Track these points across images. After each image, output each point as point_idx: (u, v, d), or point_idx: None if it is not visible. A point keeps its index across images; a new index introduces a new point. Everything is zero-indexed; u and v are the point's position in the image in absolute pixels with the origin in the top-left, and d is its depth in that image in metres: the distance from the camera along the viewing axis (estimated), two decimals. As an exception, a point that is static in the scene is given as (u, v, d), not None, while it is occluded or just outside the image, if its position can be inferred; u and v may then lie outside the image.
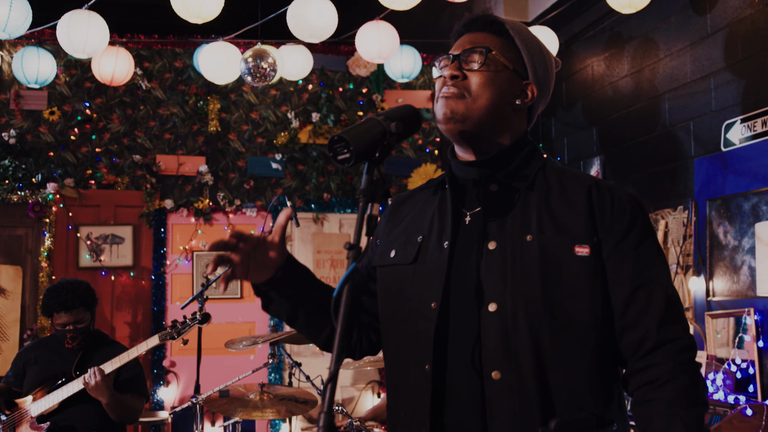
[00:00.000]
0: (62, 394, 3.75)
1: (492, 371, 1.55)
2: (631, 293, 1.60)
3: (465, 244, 1.66)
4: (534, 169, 1.71)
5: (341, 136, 1.47)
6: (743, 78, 4.18)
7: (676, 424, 1.52)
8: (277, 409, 3.90)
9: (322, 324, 1.78)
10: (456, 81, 1.68)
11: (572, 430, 1.54)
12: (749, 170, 4.06)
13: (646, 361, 1.58)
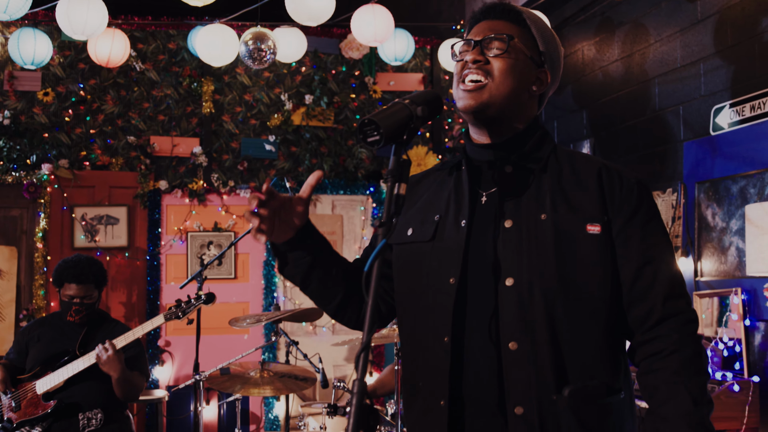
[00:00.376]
0: (68, 371, 3.80)
1: (509, 342, 1.64)
2: (639, 269, 1.70)
3: (481, 223, 1.74)
4: (546, 152, 1.80)
5: (371, 119, 1.55)
6: (732, 64, 4.28)
7: (681, 391, 1.62)
8: (277, 386, 3.99)
9: (335, 291, 1.87)
10: (479, 65, 1.75)
11: (585, 397, 1.64)
12: (737, 154, 4.17)
13: (652, 333, 1.68)
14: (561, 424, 1.62)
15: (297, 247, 1.79)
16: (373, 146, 1.57)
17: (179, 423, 5.78)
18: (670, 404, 1.62)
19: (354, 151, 6.28)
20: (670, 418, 1.61)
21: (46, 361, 3.87)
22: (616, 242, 1.71)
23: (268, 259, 6.02)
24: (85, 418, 3.81)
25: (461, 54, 1.82)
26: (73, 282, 3.91)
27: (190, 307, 3.86)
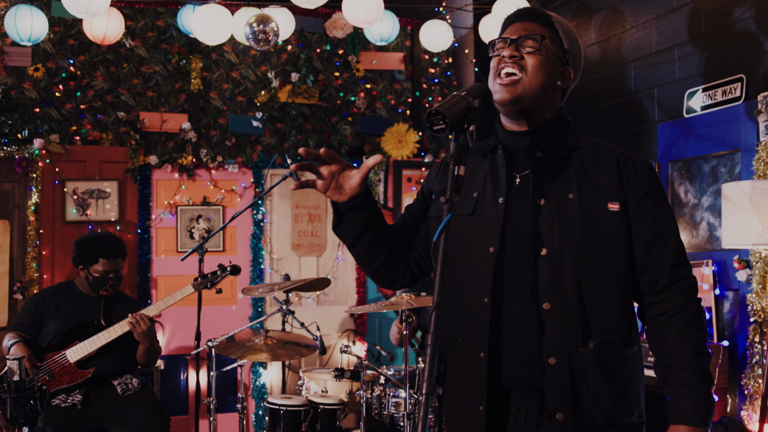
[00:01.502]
0: (101, 340, 4.00)
1: (544, 303, 1.93)
2: (650, 241, 1.99)
3: (516, 200, 2.01)
4: (571, 140, 2.07)
5: (438, 110, 1.79)
6: (705, 51, 4.58)
7: (686, 345, 1.93)
8: (279, 352, 4.22)
9: (379, 253, 2.12)
10: (515, 60, 2.00)
11: (606, 349, 1.93)
12: (709, 135, 4.49)
13: (661, 296, 1.98)
14: (587, 372, 1.91)
15: (355, 208, 2.02)
16: (438, 134, 1.81)
17: (170, 392, 5.97)
18: (676, 355, 1.92)
19: (338, 128, 6.48)
20: (676, 367, 1.91)
21: (70, 332, 4.05)
22: (632, 218, 1.99)
23: (255, 232, 6.21)
24: (121, 384, 4.02)
25: (498, 50, 2.06)
26: (106, 257, 4.12)
27: (218, 278, 4.08)
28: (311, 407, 3.87)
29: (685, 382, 1.90)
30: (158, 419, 4.08)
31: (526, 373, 1.93)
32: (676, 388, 1.91)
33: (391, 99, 6.78)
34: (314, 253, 6.43)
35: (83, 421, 3.93)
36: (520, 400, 1.96)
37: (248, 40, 4.57)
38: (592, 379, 1.91)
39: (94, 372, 3.98)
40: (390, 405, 3.67)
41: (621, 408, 1.94)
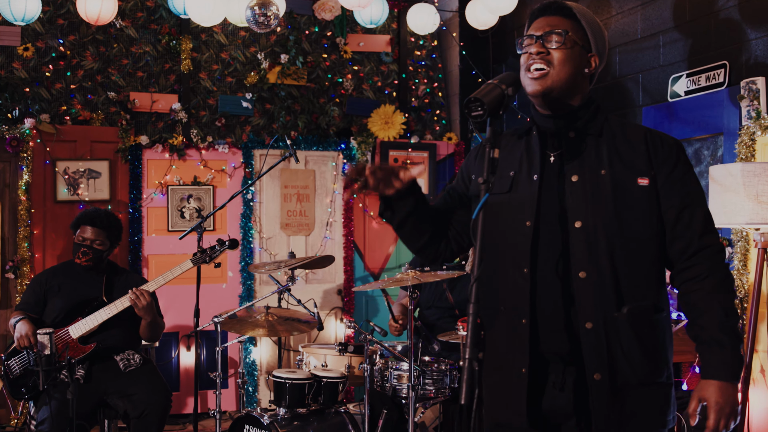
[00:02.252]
0: (102, 315, 4.08)
1: (579, 272, 2.08)
2: (679, 212, 2.14)
3: (550, 178, 2.16)
4: (600, 121, 2.21)
5: (477, 98, 1.92)
6: (690, 37, 4.76)
7: (715, 306, 2.09)
8: (280, 328, 4.33)
9: (423, 234, 2.28)
10: (542, 56, 2.13)
11: (638, 314, 2.09)
12: (693, 119, 4.67)
13: (690, 262, 2.13)
14: (621, 335, 2.07)
15: (402, 198, 2.15)
16: (476, 119, 1.94)
17: (162, 368, 6.05)
18: (706, 316, 2.08)
19: (326, 109, 6.57)
20: (707, 326, 2.08)
21: (73, 309, 4.12)
22: (661, 192, 2.14)
23: (245, 212, 6.29)
24: (123, 359, 4.10)
25: (525, 47, 2.19)
26: (88, 225, 4.19)
27: (216, 252, 4.16)
28: (315, 380, 4.00)
29: (716, 341, 2.06)
30: (159, 394, 4.15)
31: (564, 338, 2.08)
32: (706, 347, 2.07)
33: (378, 81, 6.88)
34: (303, 233, 6.53)
35: (86, 395, 4.00)
36: (557, 369, 2.11)
37: (249, 23, 4.65)
38: (625, 342, 2.07)
39: (95, 347, 4.06)
40: (392, 377, 3.81)
41: (651, 369, 2.11)
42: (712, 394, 2.05)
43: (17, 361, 4.20)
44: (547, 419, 2.14)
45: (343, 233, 6.58)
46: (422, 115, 7.04)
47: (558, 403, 2.12)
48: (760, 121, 4.18)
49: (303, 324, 4.39)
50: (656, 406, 2.13)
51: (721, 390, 2.05)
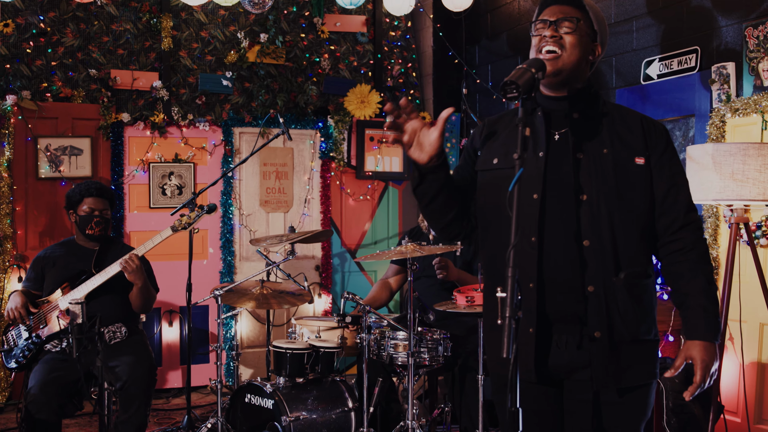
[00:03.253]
0: (88, 287, 4.16)
1: (584, 241, 2.29)
2: (667, 190, 2.37)
3: (555, 155, 2.35)
4: (600, 105, 2.42)
5: (513, 81, 2.10)
6: (662, 23, 5.00)
7: (699, 275, 2.33)
8: (274, 301, 4.48)
9: (450, 211, 2.44)
10: (555, 39, 2.32)
11: (632, 279, 2.32)
12: (665, 101, 4.93)
13: (676, 236, 2.36)
14: (617, 297, 2.29)
15: (435, 171, 2.32)
16: (511, 100, 2.12)
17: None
18: (691, 284, 2.32)
19: (304, 88, 6.68)
20: (692, 293, 2.31)
21: (66, 281, 4.21)
22: (653, 171, 2.36)
23: (225, 189, 6.39)
24: (109, 332, 4.19)
25: (538, 31, 2.38)
26: (93, 196, 4.28)
27: (195, 218, 4.27)
28: (313, 350, 4.17)
29: (700, 306, 2.29)
30: (141, 366, 4.12)
31: (569, 300, 2.28)
32: (692, 311, 2.31)
33: (354, 60, 7.01)
34: (281, 209, 6.66)
35: (72, 366, 4.07)
36: (561, 329, 2.31)
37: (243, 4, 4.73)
38: (621, 304, 2.29)
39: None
40: (389, 346, 3.99)
41: (642, 327, 2.33)
42: (698, 353, 2.28)
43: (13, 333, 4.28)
44: (551, 374, 2.35)
45: (321, 210, 6.73)
46: (396, 94, 7.20)
47: (561, 359, 2.32)
48: (730, 104, 4.45)
49: (296, 297, 4.55)
50: (646, 359, 2.37)
51: (705, 349, 2.28)
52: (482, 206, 2.47)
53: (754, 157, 3.73)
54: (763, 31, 4.32)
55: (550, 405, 2.38)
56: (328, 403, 4.15)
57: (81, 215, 4.32)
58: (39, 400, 3.84)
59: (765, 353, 4.29)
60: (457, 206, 2.44)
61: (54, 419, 3.93)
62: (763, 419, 4.24)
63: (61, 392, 3.96)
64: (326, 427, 4.07)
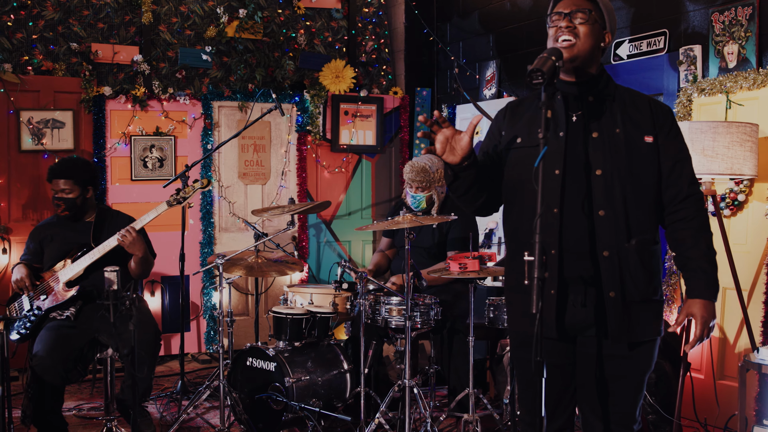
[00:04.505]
0: (87, 260, 4.30)
1: (599, 210, 2.55)
2: (673, 165, 2.64)
3: (574, 134, 2.61)
4: (612, 89, 2.68)
5: (539, 68, 2.33)
6: (633, 6, 5.29)
7: (701, 241, 2.62)
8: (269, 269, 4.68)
9: (480, 197, 2.70)
10: (570, 29, 2.57)
11: (642, 245, 2.59)
12: (635, 81, 5.23)
13: (681, 206, 2.64)
14: (630, 261, 2.56)
15: (466, 170, 2.55)
16: (536, 86, 2.36)
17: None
18: (694, 248, 2.61)
19: (281, 63, 6.83)
20: (694, 257, 2.60)
21: (65, 255, 4.34)
22: (660, 148, 2.63)
23: (205, 162, 6.51)
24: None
25: (555, 22, 2.62)
26: (55, 177, 4.39)
27: (189, 193, 4.43)
28: (311, 316, 4.39)
29: (701, 268, 2.59)
30: (147, 331, 4.32)
31: (586, 264, 2.56)
32: (693, 273, 2.60)
33: (329, 36, 7.17)
34: (259, 182, 6.83)
35: (78, 334, 4.22)
36: (576, 290, 2.58)
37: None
38: (633, 267, 2.56)
39: (80, 289, 4.28)
40: (384, 311, 4.24)
41: (650, 288, 2.62)
42: (698, 310, 2.58)
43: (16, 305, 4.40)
44: (567, 331, 2.62)
45: (297, 182, 6.91)
46: (370, 69, 7.39)
47: (578, 317, 2.60)
48: (696, 84, 4.77)
49: (292, 265, 4.75)
50: (653, 317, 2.66)
51: (705, 307, 2.58)
52: (507, 181, 2.72)
53: (723, 134, 4.06)
54: (729, 17, 4.63)
55: (567, 359, 2.66)
56: (325, 365, 4.38)
57: (52, 197, 4.44)
58: (45, 363, 3.99)
59: (727, 315, 4.66)
60: (487, 192, 2.69)
61: (59, 383, 4.08)
62: (725, 375, 4.61)
63: (66, 358, 4.11)
64: (324, 387, 4.31)
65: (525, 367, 2.73)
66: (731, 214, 4.63)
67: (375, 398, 4.35)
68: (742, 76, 4.55)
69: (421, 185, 4.69)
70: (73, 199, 4.46)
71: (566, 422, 2.74)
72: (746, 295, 4.49)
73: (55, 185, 4.42)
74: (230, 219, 6.69)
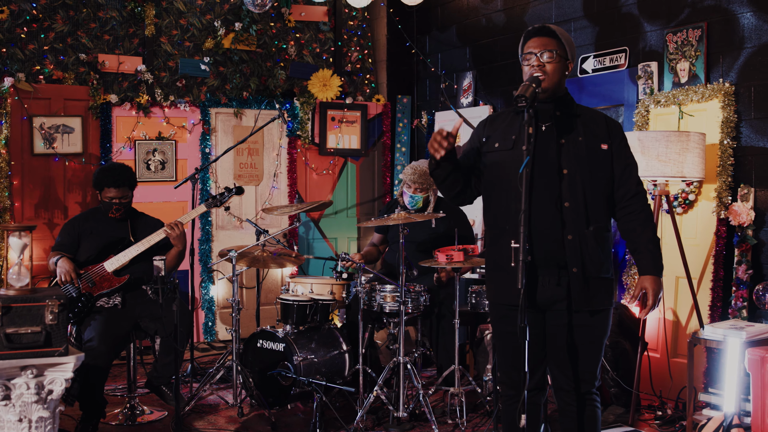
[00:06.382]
0: (133, 252, 4.78)
1: (565, 202, 3.12)
2: (623, 169, 3.24)
3: (542, 141, 3.18)
4: (574, 106, 3.26)
5: (523, 95, 2.90)
6: (597, 25, 5.90)
7: (648, 230, 3.21)
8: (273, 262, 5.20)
9: (458, 185, 3.27)
10: (540, 67, 3.15)
11: (598, 231, 3.17)
12: (599, 92, 5.84)
13: (630, 202, 3.23)
14: (588, 244, 3.13)
15: (447, 160, 3.12)
16: (521, 110, 2.92)
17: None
18: (642, 235, 3.21)
19: (273, 72, 7.35)
20: (643, 242, 3.20)
21: (105, 248, 4.81)
22: (614, 154, 3.22)
23: (203, 163, 7.01)
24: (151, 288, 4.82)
25: (527, 61, 3.20)
26: (112, 186, 4.85)
27: (225, 198, 4.94)
28: (314, 302, 4.93)
29: (648, 250, 3.19)
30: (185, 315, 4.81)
31: (553, 247, 3.12)
32: (643, 254, 3.20)
33: (317, 47, 7.71)
34: (253, 183, 7.33)
35: (124, 319, 4.73)
36: (545, 272, 3.15)
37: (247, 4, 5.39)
38: (591, 249, 3.14)
39: (130, 278, 4.78)
40: (379, 297, 4.79)
41: (604, 267, 3.20)
42: (649, 285, 3.18)
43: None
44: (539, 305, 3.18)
45: (288, 183, 7.42)
46: (354, 78, 7.94)
47: (548, 292, 3.16)
48: (653, 96, 5.39)
49: (294, 258, 5.28)
50: (607, 291, 3.24)
51: (654, 281, 3.19)
52: (486, 179, 3.28)
53: (675, 142, 4.67)
54: (681, 37, 5.26)
55: (538, 328, 3.23)
56: (327, 346, 4.92)
57: (104, 201, 4.89)
58: (100, 349, 4.46)
59: (680, 301, 5.28)
60: (463, 182, 3.26)
61: (107, 364, 4.57)
62: (678, 354, 5.23)
63: (116, 342, 4.60)
64: (326, 366, 4.85)
65: (505, 338, 3.29)
66: (683, 211, 5.25)
67: (371, 375, 4.89)
68: (692, 90, 5.17)
69: (421, 187, 5.23)
70: (128, 203, 4.94)
71: (539, 383, 3.32)
72: (696, 282, 5.11)
73: (114, 192, 4.83)
74: (226, 218, 7.19)
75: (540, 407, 3.36)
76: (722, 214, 4.98)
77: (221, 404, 5.15)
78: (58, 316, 3.02)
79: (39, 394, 2.96)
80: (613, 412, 4.94)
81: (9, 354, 2.93)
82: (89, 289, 4.74)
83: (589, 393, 3.26)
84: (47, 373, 2.99)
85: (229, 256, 4.83)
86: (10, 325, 2.95)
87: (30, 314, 2.98)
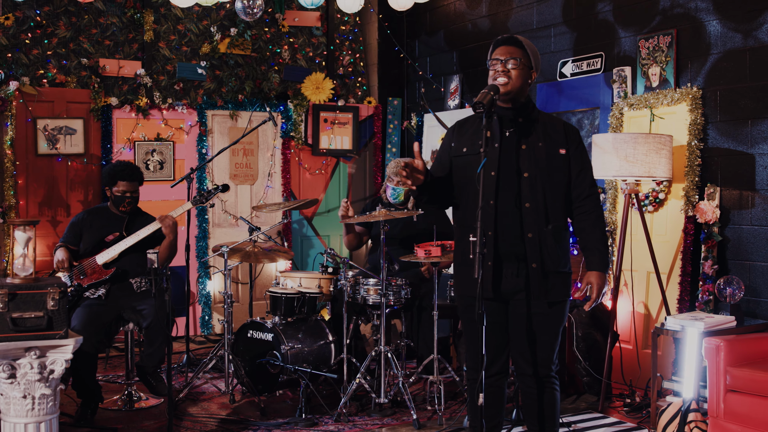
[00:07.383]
0: (121, 246, 5.06)
1: (525, 203, 3.39)
2: (579, 172, 3.50)
3: (506, 146, 3.44)
4: (536, 114, 3.53)
5: (480, 101, 3.17)
6: (575, 31, 6.17)
7: (597, 229, 3.48)
8: (264, 257, 5.48)
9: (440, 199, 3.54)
10: (504, 72, 3.41)
11: (557, 229, 3.43)
12: (576, 96, 6.11)
13: (583, 203, 3.50)
14: (547, 241, 3.40)
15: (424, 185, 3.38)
16: (480, 116, 3.20)
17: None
18: (592, 235, 3.48)
19: (268, 76, 7.63)
20: (592, 240, 3.48)
21: (100, 241, 5.10)
22: (570, 158, 3.48)
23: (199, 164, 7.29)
24: (137, 282, 5.10)
25: (493, 66, 3.45)
26: (126, 180, 5.14)
27: (211, 195, 5.21)
28: (301, 295, 5.21)
29: (597, 248, 3.46)
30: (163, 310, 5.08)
31: (515, 243, 3.39)
32: (591, 252, 3.47)
33: (310, 51, 7.99)
34: (248, 182, 7.62)
35: (107, 309, 4.98)
36: (508, 266, 3.42)
37: (239, 13, 5.67)
38: (549, 246, 3.41)
39: (115, 271, 5.05)
40: (362, 290, 5.07)
41: (562, 262, 3.47)
42: (594, 279, 3.46)
43: None
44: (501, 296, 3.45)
45: (282, 182, 7.71)
46: (346, 81, 8.22)
47: (508, 285, 3.43)
48: (627, 100, 5.66)
49: (283, 253, 5.56)
50: (564, 284, 3.51)
51: (600, 277, 3.46)
52: (457, 182, 3.55)
53: (642, 144, 4.94)
54: (653, 43, 5.53)
55: (501, 317, 3.50)
56: (314, 337, 5.20)
57: (116, 195, 5.17)
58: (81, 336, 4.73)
59: (650, 295, 5.55)
60: (444, 195, 3.54)
61: (93, 351, 4.84)
62: (648, 345, 5.50)
63: (98, 331, 4.87)
64: (312, 355, 5.12)
65: (470, 326, 3.57)
66: (654, 209, 5.52)
67: (355, 364, 5.17)
68: (663, 94, 5.44)
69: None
70: (137, 198, 5.23)
71: (502, 367, 3.60)
72: (666, 277, 5.38)
73: (126, 186, 5.13)
74: (222, 215, 7.48)
75: (503, 390, 3.64)
76: (690, 212, 5.25)
77: (214, 392, 5.43)
78: (59, 302, 3.30)
79: (41, 373, 3.24)
80: (586, 400, 5.22)
81: (14, 336, 3.22)
82: (80, 280, 5.02)
83: (547, 377, 3.53)
84: (49, 354, 3.28)
85: (221, 251, 5.11)
86: (15, 310, 3.24)
87: (34, 300, 3.27)
